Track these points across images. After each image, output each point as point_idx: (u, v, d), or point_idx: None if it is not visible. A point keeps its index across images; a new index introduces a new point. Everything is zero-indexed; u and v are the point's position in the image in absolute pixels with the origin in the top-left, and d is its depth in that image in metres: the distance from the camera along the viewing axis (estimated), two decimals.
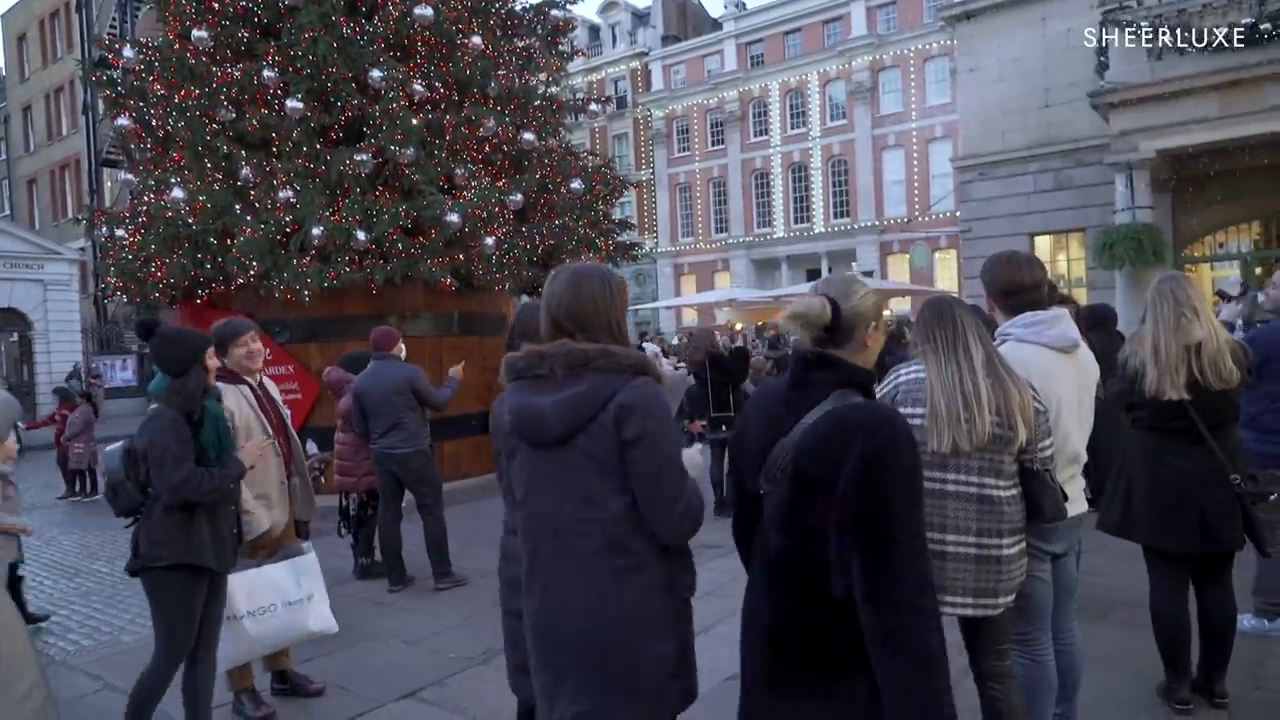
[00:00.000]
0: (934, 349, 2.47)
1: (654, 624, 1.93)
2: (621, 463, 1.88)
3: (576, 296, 1.98)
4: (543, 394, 1.93)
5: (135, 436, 3.23)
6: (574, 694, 1.93)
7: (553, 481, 1.96)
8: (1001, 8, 16.60)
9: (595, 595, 1.90)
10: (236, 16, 8.79)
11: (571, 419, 1.89)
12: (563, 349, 1.93)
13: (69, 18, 32.61)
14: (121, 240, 9.13)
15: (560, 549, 1.95)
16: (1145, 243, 12.36)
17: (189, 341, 3.28)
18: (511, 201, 9.05)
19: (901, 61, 31.62)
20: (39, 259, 22.82)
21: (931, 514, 2.43)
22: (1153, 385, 3.16)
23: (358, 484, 6.19)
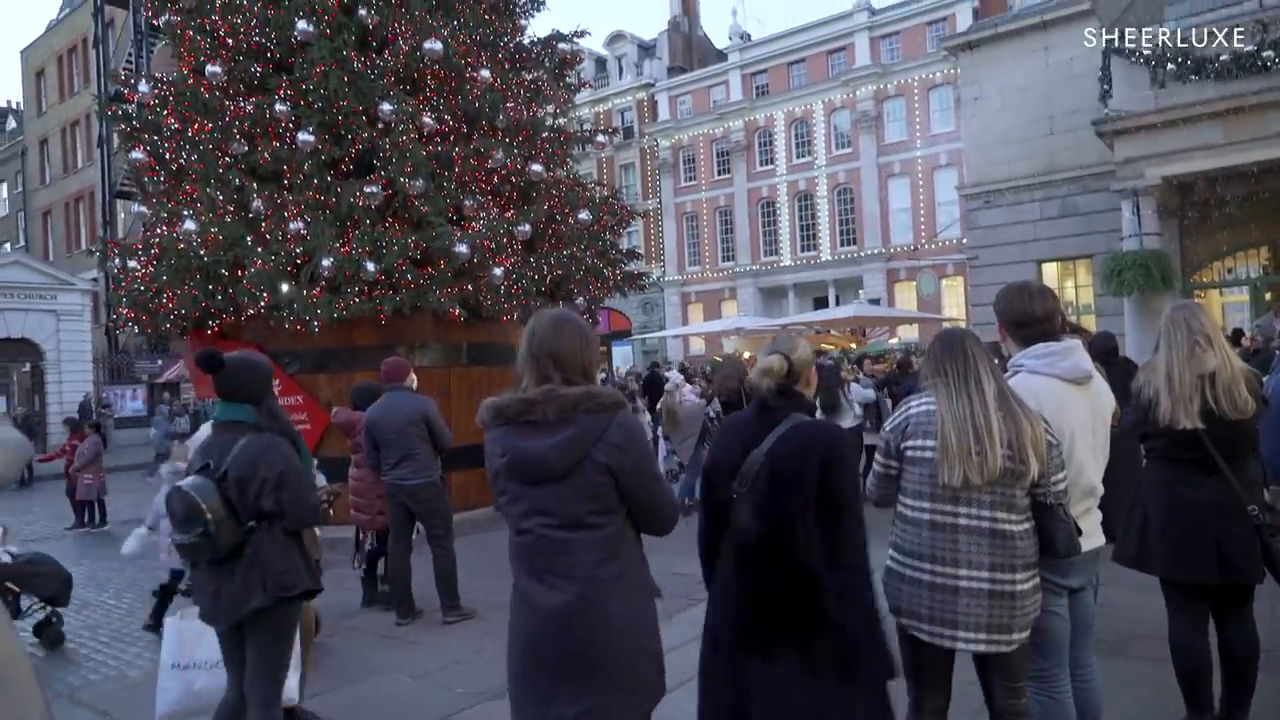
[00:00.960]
0: (945, 381, 2.47)
1: (642, 626, 2.25)
2: (611, 489, 2.17)
3: (558, 340, 2.23)
4: (536, 437, 2.16)
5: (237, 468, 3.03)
6: (575, 695, 2.15)
7: (550, 509, 2.19)
8: (1004, 37, 16.76)
9: (592, 604, 2.16)
10: (250, 52, 8.92)
11: (570, 458, 2.14)
12: (551, 396, 2.15)
13: (86, 53, 33.17)
14: (134, 271, 9.21)
15: (558, 567, 2.19)
16: (1153, 269, 12.36)
17: (261, 368, 3.26)
18: (520, 232, 9.10)
19: (905, 90, 31.85)
20: (52, 290, 23.03)
21: (943, 548, 2.42)
22: (1167, 415, 3.13)
23: (372, 521, 6.12)
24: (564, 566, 2.18)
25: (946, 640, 2.44)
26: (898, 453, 2.56)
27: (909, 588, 2.50)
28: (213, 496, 2.98)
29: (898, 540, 2.58)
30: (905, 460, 2.54)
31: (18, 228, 39.93)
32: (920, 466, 2.49)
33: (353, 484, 6.22)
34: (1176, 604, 3.34)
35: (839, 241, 33.77)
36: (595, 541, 2.19)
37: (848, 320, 20.15)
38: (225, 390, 3.16)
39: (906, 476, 2.54)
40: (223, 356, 3.16)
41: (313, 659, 4.47)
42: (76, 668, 5.33)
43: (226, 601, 3.06)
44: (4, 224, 41.31)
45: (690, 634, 4.99)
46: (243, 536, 3.03)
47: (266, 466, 3.04)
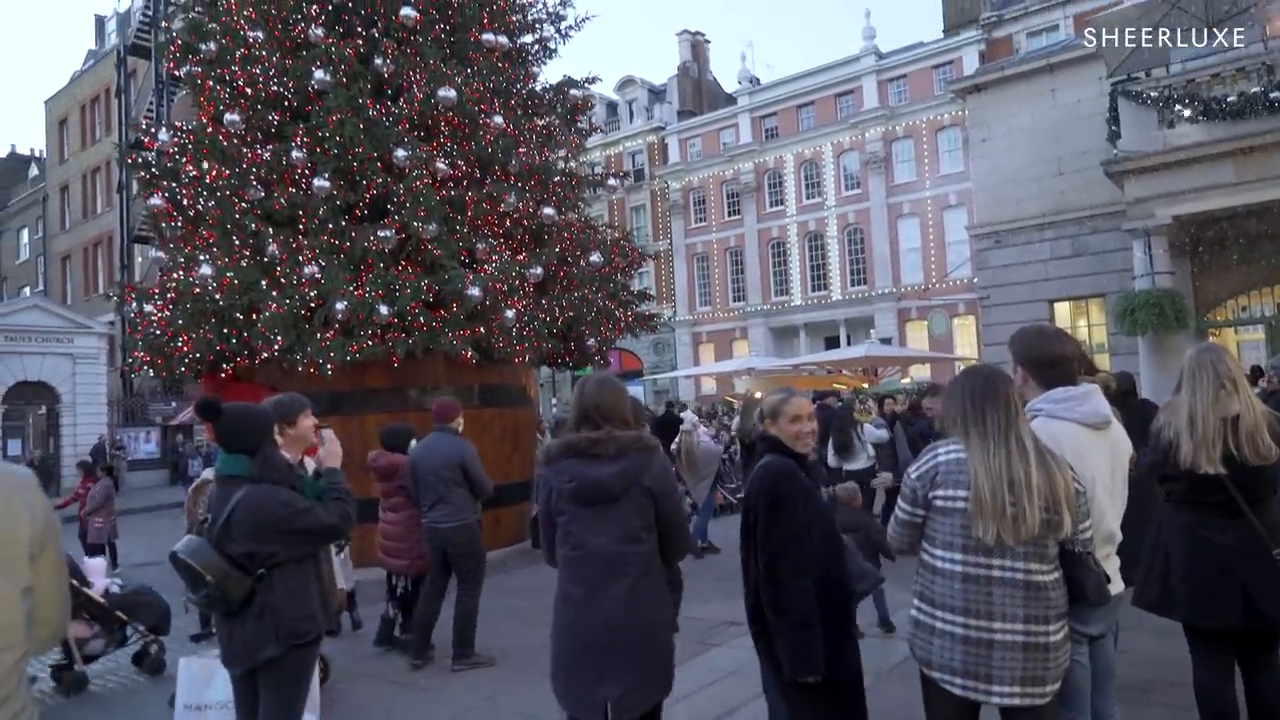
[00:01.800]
0: (980, 431, 2.39)
1: (666, 624, 2.94)
2: (651, 510, 2.81)
3: (602, 397, 2.90)
4: (599, 466, 2.78)
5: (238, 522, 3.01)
6: (617, 677, 2.70)
7: (606, 527, 2.78)
8: (1011, 80, 16.93)
9: (637, 606, 2.76)
10: (268, 100, 9.11)
11: (625, 483, 2.78)
12: (611, 436, 2.80)
13: (108, 103, 33.95)
14: (150, 315, 9.31)
15: (610, 575, 2.76)
16: (1167, 308, 12.30)
17: (259, 417, 3.22)
18: (532, 275, 9.18)
19: (914, 132, 32.13)
20: (70, 333, 23.29)
21: (977, 601, 2.36)
22: (1188, 458, 3.09)
23: (409, 566, 6.01)
24: (616, 575, 2.76)
25: (980, 695, 2.38)
26: (925, 501, 2.48)
27: (941, 641, 2.43)
28: (207, 556, 2.98)
29: (925, 591, 2.50)
30: (933, 510, 2.47)
31: (37, 272, 40.56)
32: (951, 517, 2.42)
33: (386, 527, 6.14)
34: (1201, 651, 3.27)
35: (849, 281, 33.84)
36: (639, 556, 2.79)
37: (859, 360, 20.11)
38: (222, 440, 3.17)
39: (935, 526, 2.47)
40: (221, 405, 3.16)
41: (323, 703, 4.41)
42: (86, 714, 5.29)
43: (240, 648, 3.06)
44: (24, 269, 41.99)
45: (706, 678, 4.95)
46: (253, 586, 3.01)
47: (265, 517, 3.02)
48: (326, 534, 3.19)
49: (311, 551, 3.19)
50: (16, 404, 22.79)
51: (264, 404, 3.47)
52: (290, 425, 3.44)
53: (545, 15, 11.13)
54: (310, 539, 3.13)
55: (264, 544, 3.02)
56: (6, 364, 22.09)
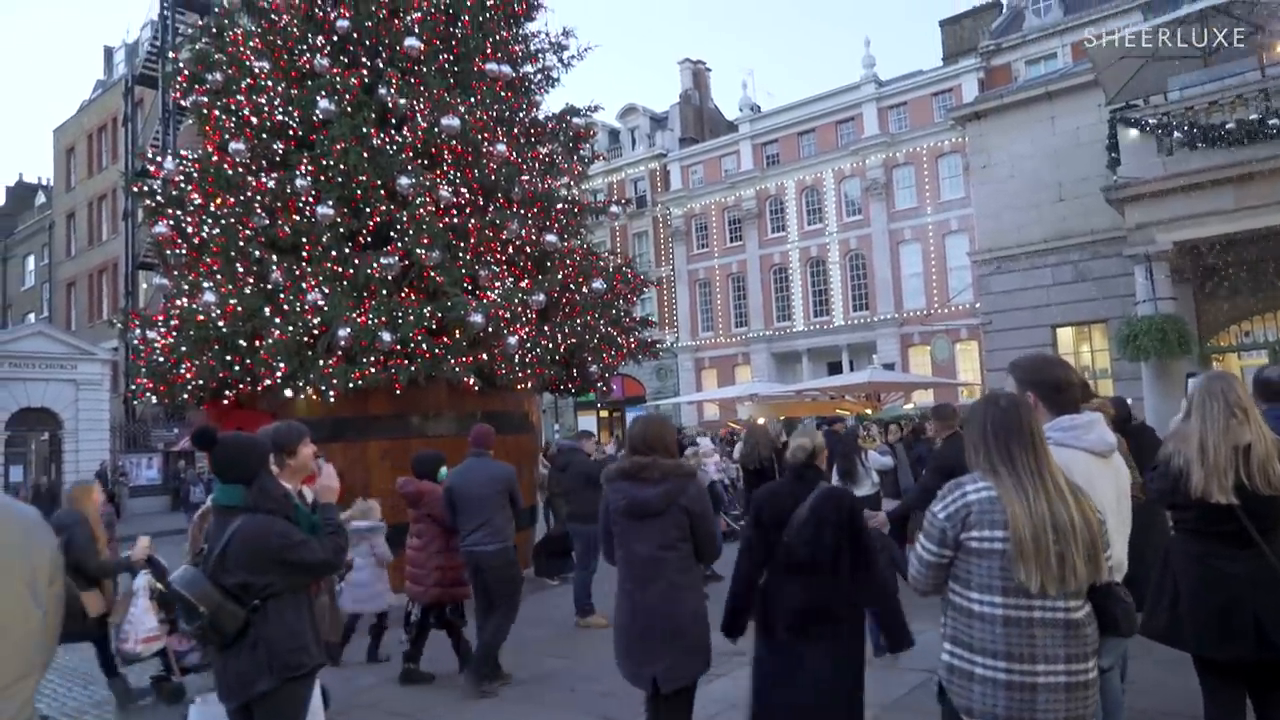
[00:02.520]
0: (1010, 469, 2.31)
1: (698, 614, 3.59)
2: (686, 524, 3.54)
3: (649, 431, 3.71)
4: (646, 488, 3.55)
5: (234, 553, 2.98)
6: (660, 655, 3.48)
7: (648, 535, 3.55)
8: (1010, 108, 17.06)
9: (673, 599, 3.52)
10: (273, 130, 9.19)
11: (666, 502, 3.53)
12: (656, 464, 3.57)
13: (115, 131, 34.27)
14: (153, 342, 9.33)
15: (652, 574, 3.54)
16: (1169, 334, 12.30)
17: (255, 447, 3.20)
18: (534, 301, 9.19)
19: (914, 159, 32.33)
20: (73, 359, 23.36)
21: (1020, 644, 2.30)
22: (1199, 487, 3.04)
23: (425, 593, 5.97)
24: (657, 574, 3.52)
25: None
26: (955, 542, 2.38)
27: (982, 688, 2.34)
28: (201, 587, 2.96)
29: (960, 636, 2.40)
30: (967, 551, 2.37)
31: (42, 299, 40.72)
32: (989, 559, 2.32)
33: (410, 553, 6.11)
34: (1211, 684, 3.22)
35: (851, 306, 33.88)
36: (674, 560, 3.55)
37: (862, 386, 20.06)
38: (218, 470, 3.15)
39: (969, 568, 2.38)
40: (217, 434, 3.15)
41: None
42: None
43: (234, 680, 3.03)
44: (29, 295, 42.16)
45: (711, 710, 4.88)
46: (247, 618, 2.98)
47: (260, 547, 3.00)
48: (320, 568, 3.18)
49: (305, 584, 3.17)
50: (19, 430, 22.81)
51: (261, 433, 3.45)
52: (290, 455, 3.42)
53: (548, 45, 11.25)
54: (304, 572, 3.11)
55: (259, 575, 2.99)
56: (10, 390, 22.13)
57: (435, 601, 5.95)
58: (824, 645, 3.37)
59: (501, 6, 10.62)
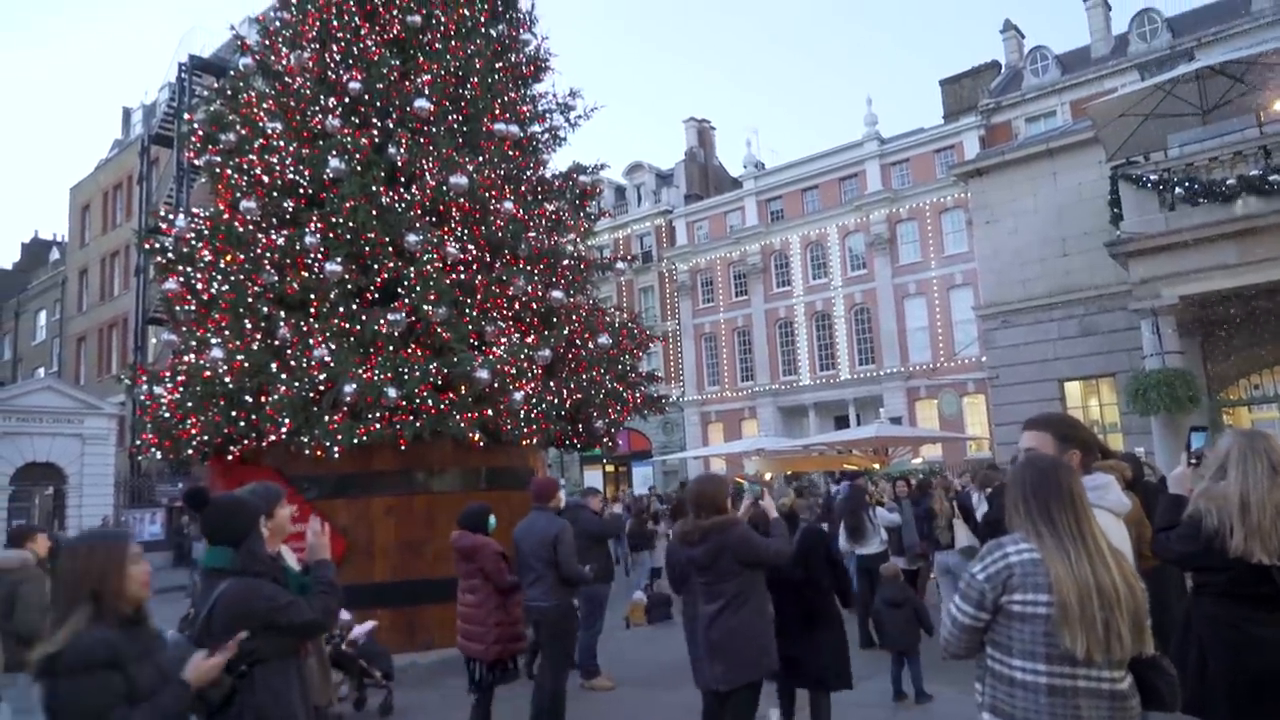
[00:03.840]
0: (1051, 530, 2.24)
1: (751, 632, 4.28)
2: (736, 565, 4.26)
3: (703, 491, 4.46)
4: (691, 549, 4.36)
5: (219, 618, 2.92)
6: (715, 661, 4.26)
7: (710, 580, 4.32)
8: (1012, 164, 17.26)
9: (725, 621, 4.27)
10: (283, 188, 9.33)
11: (712, 556, 4.28)
12: (698, 526, 4.32)
13: (130, 189, 34.91)
14: (160, 398, 9.34)
15: (708, 602, 4.32)
16: (1178, 388, 12.22)
17: (245, 509, 3.15)
18: (540, 357, 9.21)
19: (918, 214, 32.63)
20: (80, 414, 23.43)
21: (1064, 714, 2.21)
22: (1239, 547, 2.94)
23: (486, 651, 5.78)
24: (709, 604, 4.31)
25: None
26: (994, 606, 2.28)
27: None
28: (185, 652, 2.86)
29: (1001, 705, 2.30)
30: (1008, 615, 2.27)
31: (52, 353, 41.03)
32: (1032, 624, 2.22)
33: (464, 610, 5.95)
34: None
35: (857, 360, 33.88)
36: (725, 591, 4.28)
37: (870, 440, 19.96)
38: (207, 531, 3.10)
39: (1010, 633, 2.28)
40: (208, 495, 3.12)
41: None
42: None
43: None
44: (39, 350, 42.50)
45: None
46: (233, 685, 2.89)
47: (246, 611, 2.92)
48: (309, 629, 3.10)
49: (294, 648, 3.09)
50: (24, 485, 22.76)
51: (243, 492, 3.39)
52: (269, 517, 3.35)
53: (555, 106, 11.47)
54: (293, 634, 3.03)
55: (245, 640, 2.90)
56: (16, 445, 22.14)
57: (499, 658, 5.78)
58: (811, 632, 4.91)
59: (510, 69, 10.87)
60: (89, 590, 2.45)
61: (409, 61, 9.88)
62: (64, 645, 2.36)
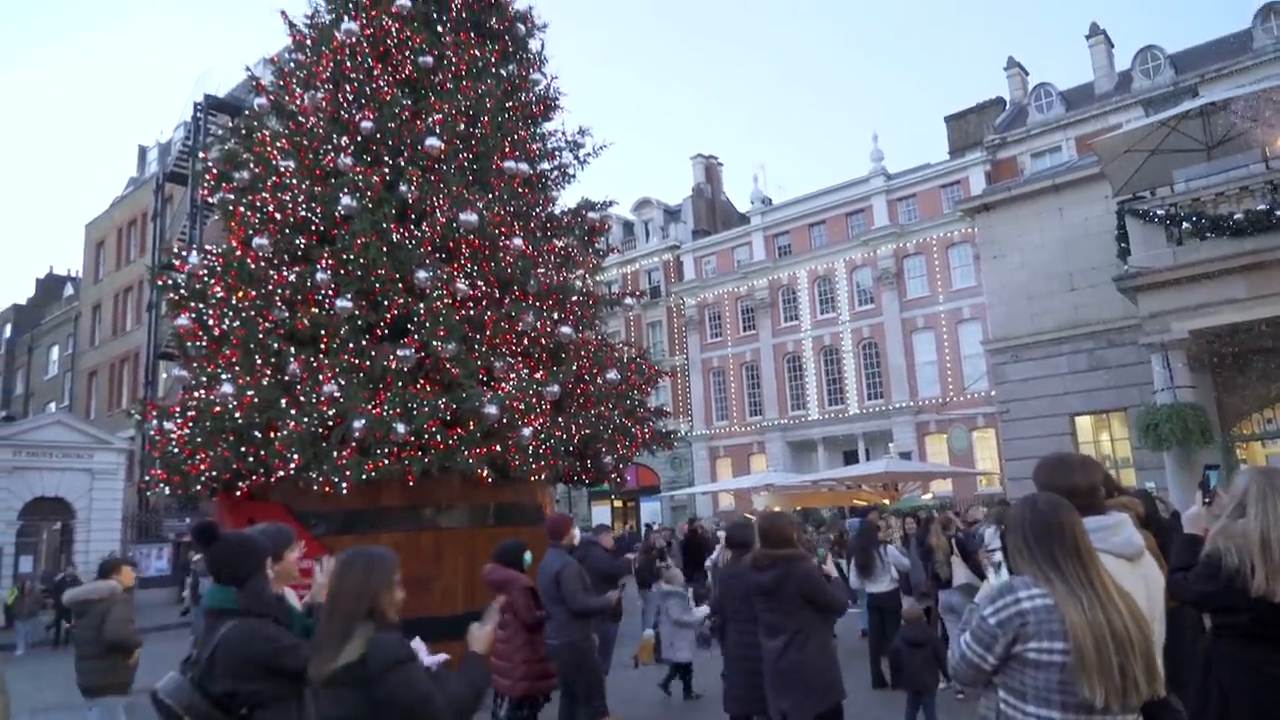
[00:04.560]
0: (1060, 574, 2.22)
1: (816, 665, 4.50)
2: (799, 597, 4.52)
3: (771, 525, 4.82)
4: (761, 575, 4.62)
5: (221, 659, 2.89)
6: (786, 696, 4.50)
7: (771, 606, 4.60)
8: (1018, 200, 17.33)
9: (790, 653, 4.49)
10: (295, 225, 9.42)
11: (777, 583, 4.54)
12: (766, 555, 4.64)
13: (145, 226, 35.34)
14: (170, 433, 9.36)
15: (774, 635, 4.57)
16: (1191, 423, 12.13)
17: (252, 548, 3.12)
18: (549, 393, 9.21)
19: (925, 249, 32.73)
20: (90, 449, 23.47)
21: None
22: (1260, 586, 2.90)
23: (513, 687, 5.81)
24: (775, 637, 4.56)
25: None
26: (1005, 652, 2.24)
27: None
28: (185, 695, 2.86)
29: None
30: (1023, 662, 2.23)
31: (63, 388, 41.26)
32: (1046, 671, 2.18)
33: (498, 646, 6.00)
34: None
35: (866, 395, 33.79)
36: (790, 624, 4.53)
37: (880, 476, 19.83)
38: (213, 568, 3.08)
39: (1022, 679, 2.24)
40: (217, 531, 3.10)
41: None
42: None
43: None
44: (51, 385, 42.74)
45: None
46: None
47: (248, 654, 2.90)
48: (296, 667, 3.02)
49: (297, 691, 3.02)
50: (32, 520, 22.75)
51: (254, 532, 3.37)
52: (277, 560, 3.33)
53: (565, 144, 11.61)
54: (295, 677, 2.95)
55: (246, 682, 2.86)
56: (26, 480, 22.18)
57: (525, 695, 5.79)
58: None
59: (520, 107, 11.02)
60: (369, 605, 2.65)
61: (420, 101, 10.03)
62: (366, 651, 2.54)
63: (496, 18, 11.25)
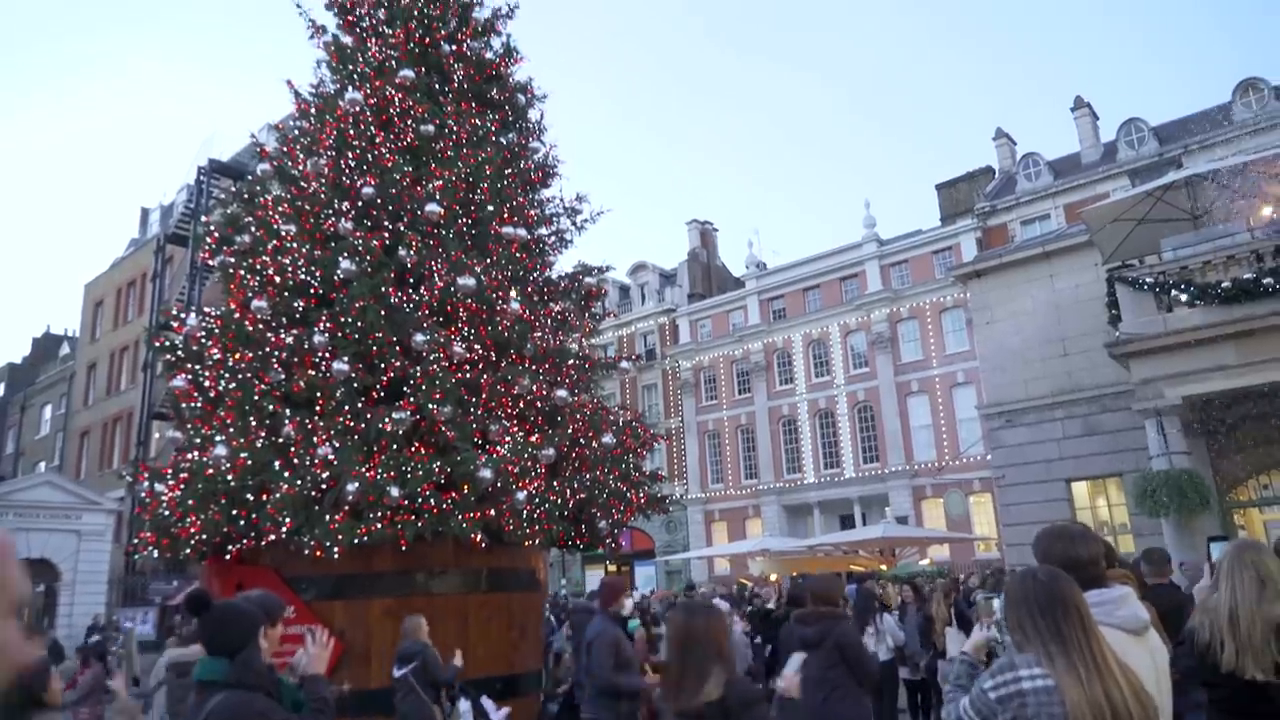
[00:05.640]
0: (1062, 650, 2.20)
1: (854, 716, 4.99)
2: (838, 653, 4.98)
3: (823, 587, 5.40)
4: (807, 629, 5.10)
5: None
6: None
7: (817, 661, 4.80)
8: (1009, 266, 17.57)
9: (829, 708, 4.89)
10: (294, 288, 9.49)
11: (820, 637, 4.99)
12: (814, 612, 5.18)
13: (144, 286, 35.55)
14: (160, 495, 9.28)
15: (815, 689, 4.75)
16: (1187, 489, 12.10)
17: (245, 618, 3.05)
18: (544, 456, 9.18)
19: (918, 313, 33.02)
20: (78, 510, 23.23)
21: None
22: (1230, 662, 2.91)
23: None
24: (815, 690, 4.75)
25: None
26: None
27: None
28: None
29: None
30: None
31: (54, 448, 40.95)
32: None
33: None
34: None
35: (862, 459, 33.67)
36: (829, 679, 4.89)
37: (877, 541, 19.66)
38: (207, 638, 3.03)
39: None
40: (210, 600, 3.05)
41: None
42: None
43: None
44: (42, 444, 42.43)
45: None
46: None
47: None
48: None
49: None
50: None
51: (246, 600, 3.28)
52: (275, 623, 3.29)
53: (563, 210, 11.78)
54: None
55: None
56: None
57: None
58: None
59: (519, 175, 11.23)
60: (716, 649, 3.11)
61: (421, 168, 10.22)
62: (725, 691, 2.99)
63: (498, 88, 11.54)
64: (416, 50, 10.93)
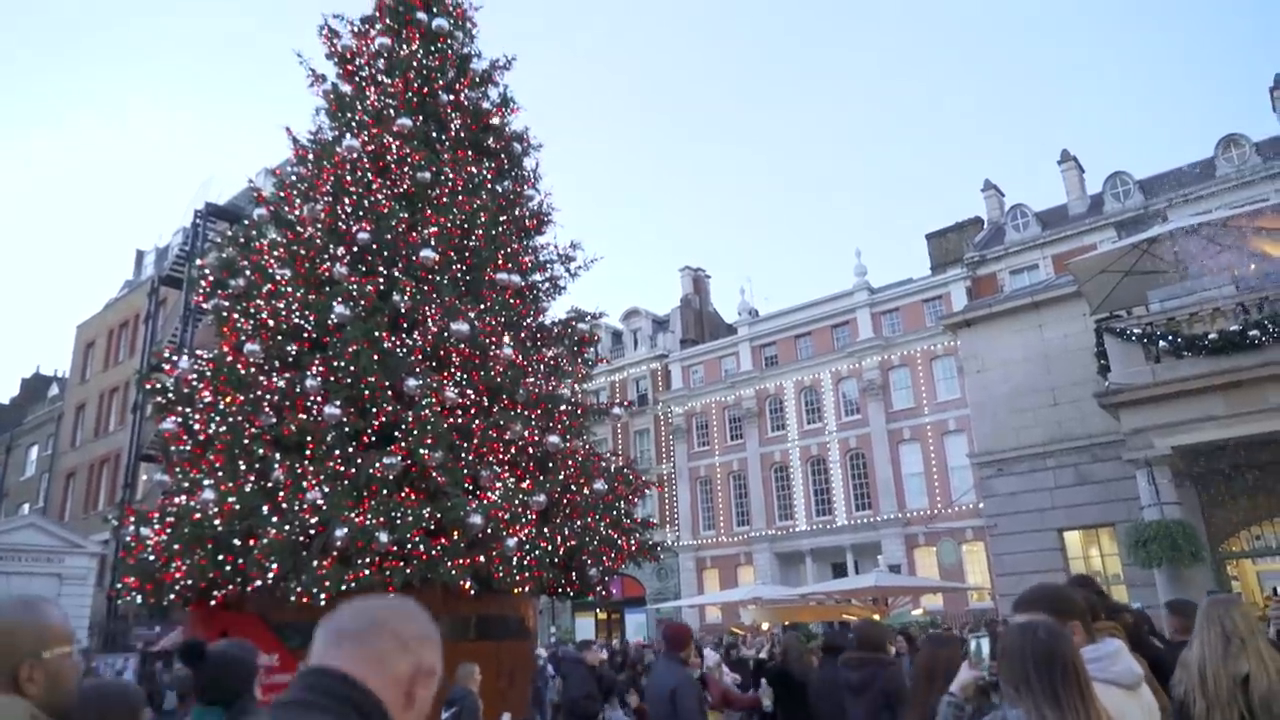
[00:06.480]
0: (1058, 712, 2.17)
1: None
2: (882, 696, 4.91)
3: (869, 634, 5.38)
4: (851, 673, 5.13)
5: None
6: None
7: (860, 703, 5.03)
8: (999, 316, 17.73)
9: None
10: (287, 332, 9.51)
11: (865, 682, 5.02)
12: (858, 657, 5.15)
13: (136, 328, 35.51)
14: (146, 539, 9.16)
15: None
16: (1179, 540, 12.08)
17: (243, 664, 2.99)
18: (535, 502, 9.13)
19: (909, 361, 33.18)
20: (61, 553, 22.89)
21: None
22: (1201, 717, 2.93)
23: None
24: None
25: None
26: None
27: None
28: None
29: None
30: None
31: (39, 490, 40.47)
32: None
33: None
34: None
35: (854, 506, 33.54)
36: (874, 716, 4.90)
37: (869, 590, 19.47)
38: (202, 687, 2.97)
39: None
40: (205, 649, 2.99)
41: None
42: None
43: None
44: (27, 485, 41.94)
45: None
46: None
47: None
48: None
49: None
50: None
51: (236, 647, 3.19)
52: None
53: (556, 257, 11.90)
54: None
55: None
56: None
57: None
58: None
59: (513, 222, 11.34)
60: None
61: (417, 214, 10.31)
62: None
63: (494, 137, 11.72)
64: (414, 99, 11.11)
